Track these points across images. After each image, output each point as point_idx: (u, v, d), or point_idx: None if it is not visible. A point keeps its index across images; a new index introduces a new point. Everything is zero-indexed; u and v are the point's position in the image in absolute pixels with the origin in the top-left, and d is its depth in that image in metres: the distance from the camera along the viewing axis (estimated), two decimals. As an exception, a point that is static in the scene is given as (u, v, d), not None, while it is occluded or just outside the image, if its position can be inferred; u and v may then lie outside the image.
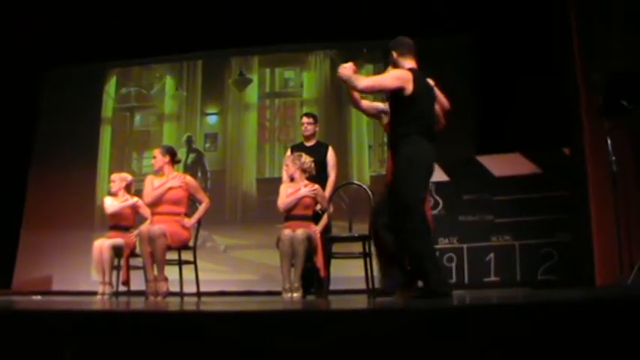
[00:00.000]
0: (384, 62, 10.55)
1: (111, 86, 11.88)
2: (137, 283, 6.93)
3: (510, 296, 4.80)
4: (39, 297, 8.49)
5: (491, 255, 8.00)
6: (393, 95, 5.14)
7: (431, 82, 5.35)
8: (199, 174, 10.76)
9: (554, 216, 7.83)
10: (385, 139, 10.19)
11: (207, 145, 11.23)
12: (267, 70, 11.30)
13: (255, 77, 11.24)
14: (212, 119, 11.37)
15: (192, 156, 11.14)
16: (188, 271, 6.92)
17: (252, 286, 9.63)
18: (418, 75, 5.12)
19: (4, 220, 10.56)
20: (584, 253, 7.07)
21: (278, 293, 6.64)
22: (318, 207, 6.65)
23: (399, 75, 5.10)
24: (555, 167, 7.96)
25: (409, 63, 5.23)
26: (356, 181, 8.07)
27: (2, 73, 10.66)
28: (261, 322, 2.69)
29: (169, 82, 11.70)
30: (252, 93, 11.21)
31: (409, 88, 5.00)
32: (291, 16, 10.05)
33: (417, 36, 5.33)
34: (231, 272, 10.27)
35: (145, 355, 2.62)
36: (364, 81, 5.16)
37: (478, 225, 8.14)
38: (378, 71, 10.66)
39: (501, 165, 8.24)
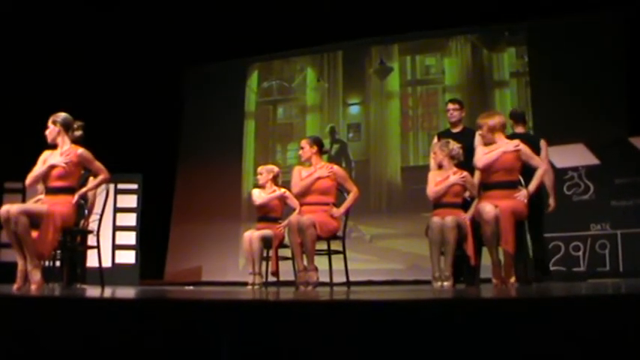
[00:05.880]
0: (526, 45, 10.36)
1: (253, 81, 12.13)
2: (286, 273, 7.02)
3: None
4: (191, 287, 8.73)
5: (648, 241, 7.67)
6: None
7: None
8: (343, 164, 10.78)
9: None
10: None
11: (351, 135, 11.28)
12: (408, 58, 11.23)
13: (395, 65, 11.21)
14: (354, 109, 11.42)
15: (335, 146, 11.23)
16: (336, 261, 6.94)
17: (399, 276, 9.63)
18: None
19: (155, 215, 10.94)
20: None
21: (426, 282, 6.58)
22: (467, 194, 6.47)
23: None
24: None
25: None
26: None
27: (147, 73, 11.04)
28: (413, 311, 2.67)
29: (310, 73, 11.84)
30: (393, 81, 11.19)
31: None
32: (430, 1, 9.94)
33: (566, 13, 5.18)
34: (378, 261, 10.29)
35: (298, 343, 2.65)
36: None
37: (632, 210, 7.83)
38: (520, 54, 10.43)
39: (656, 146, 7.90)
